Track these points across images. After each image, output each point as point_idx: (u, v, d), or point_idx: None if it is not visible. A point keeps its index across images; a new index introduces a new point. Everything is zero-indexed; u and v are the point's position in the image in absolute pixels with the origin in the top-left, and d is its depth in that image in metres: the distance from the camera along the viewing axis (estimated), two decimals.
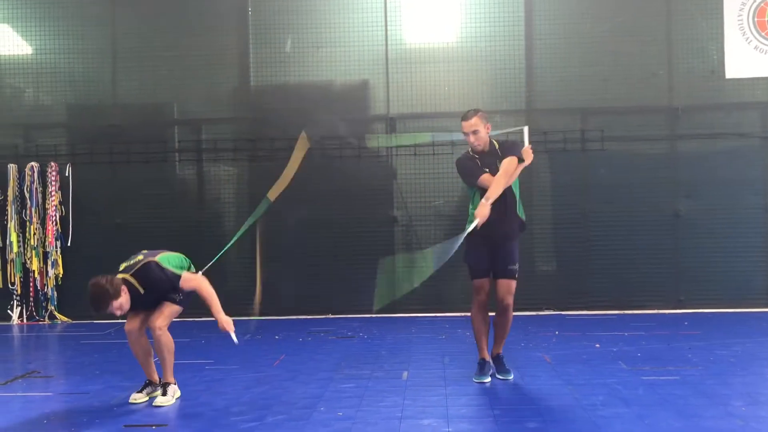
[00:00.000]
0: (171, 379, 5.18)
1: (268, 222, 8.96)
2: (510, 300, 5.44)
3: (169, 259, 5.12)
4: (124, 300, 4.80)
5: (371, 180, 8.90)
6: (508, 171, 5.32)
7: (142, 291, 4.95)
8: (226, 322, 5.04)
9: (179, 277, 5.03)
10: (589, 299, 8.69)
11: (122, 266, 5.06)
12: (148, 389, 5.22)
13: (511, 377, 5.49)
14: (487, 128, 5.50)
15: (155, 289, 4.99)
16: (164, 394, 5.11)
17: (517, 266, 5.48)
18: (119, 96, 9.20)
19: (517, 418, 4.52)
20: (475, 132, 5.41)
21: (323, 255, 8.87)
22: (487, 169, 5.43)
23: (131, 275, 4.93)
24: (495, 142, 5.57)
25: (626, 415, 4.54)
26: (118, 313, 4.84)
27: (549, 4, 8.84)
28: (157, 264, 4.99)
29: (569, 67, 8.81)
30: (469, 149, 5.56)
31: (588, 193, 8.78)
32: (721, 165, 8.66)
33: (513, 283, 5.46)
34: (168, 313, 5.08)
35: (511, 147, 5.52)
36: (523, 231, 5.63)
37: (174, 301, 5.11)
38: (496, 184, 5.27)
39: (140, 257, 5.06)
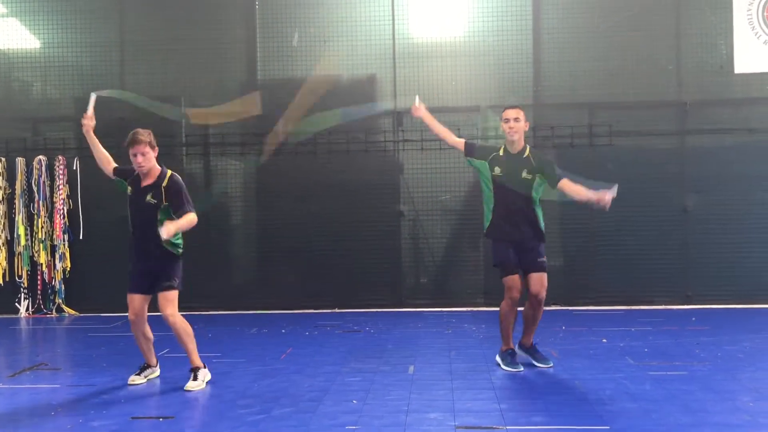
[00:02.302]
0: (199, 363, 5.31)
1: (274, 215, 8.99)
2: (543, 294, 5.52)
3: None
4: (152, 156, 5.28)
5: (378, 174, 8.90)
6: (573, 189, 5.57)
7: (147, 198, 5.24)
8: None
9: (185, 211, 5.21)
10: (597, 294, 8.67)
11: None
12: (147, 371, 5.40)
13: (551, 364, 5.62)
14: (526, 125, 5.63)
15: (172, 197, 5.23)
16: (194, 378, 5.23)
17: (545, 261, 5.58)
18: (127, 89, 9.19)
19: (524, 413, 4.51)
20: (516, 119, 5.47)
21: (330, 249, 8.88)
22: (500, 169, 5.52)
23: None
24: (529, 150, 5.61)
25: (633, 410, 4.53)
26: (140, 159, 5.22)
27: None
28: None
29: (577, 62, 8.77)
30: (501, 150, 5.57)
31: (595, 188, 8.71)
32: (729, 160, 8.61)
33: (545, 276, 5.55)
34: (170, 298, 5.22)
35: (549, 172, 5.60)
36: (542, 242, 5.68)
37: (171, 287, 5.24)
38: (576, 191, 5.56)
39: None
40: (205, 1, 9.09)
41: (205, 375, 5.32)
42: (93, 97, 5.60)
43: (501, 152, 5.59)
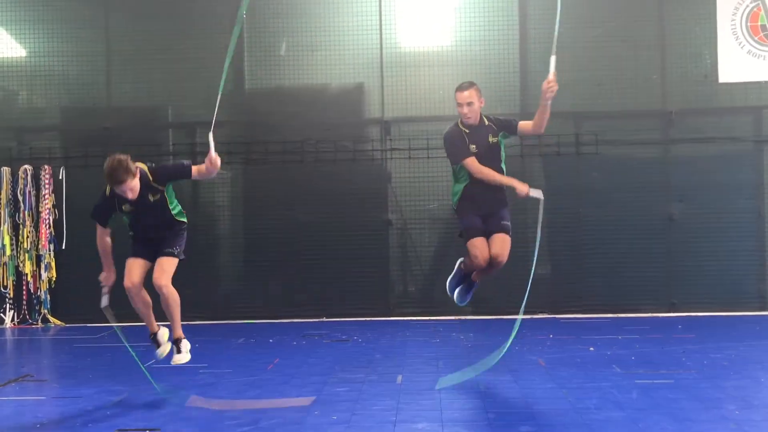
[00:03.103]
0: (181, 333, 5.31)
1: (262, 224, 8.97)
2: (503, 258, 5.57)
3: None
4: (136, 182, 4.89)
5: (366, 183, 8.91)
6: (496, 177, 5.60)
7: (151, 199, 5.05)
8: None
9: (190, 169, 5.13)
10: (583, 302, 8.71)
11: None
12: (160, 342, 5.40)
13: None
14: (481, 102, 5.68)
15: (166, 175, 5.11)
16: (179, 351, 5.26)
17: (509, 224, 5.67)
18: (113, 99, 9.19)
19: (511, 422, 4.52)
20: (470, 104, 5.59)
21: (318, 258, 8.87)
22: (474, 146, 5.60)
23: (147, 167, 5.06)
24: (485, 118, 5.73)
25: (620, 418, 4.54)
26: (129, 195, 4.91)
27: (543, 9, 8.84)
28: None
29: (563, 72, 8.70)
30: (459, 121, 5.64)
31: (582, 197, 8.81)
32: (713, 169, 8.70)
33: (507, 239, 5.60)
34: (168, 267, 5.17)
35: (507, 124, 5.72)
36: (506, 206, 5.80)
37: (173, 255, 5.21)
38: (489, 175, 5.55)
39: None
40: (191, 10, 9.09)
41: (186, 345, 5.33)
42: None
43: (465, 129, 5.67)
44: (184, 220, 5.37)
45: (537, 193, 5.41)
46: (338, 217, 8.87)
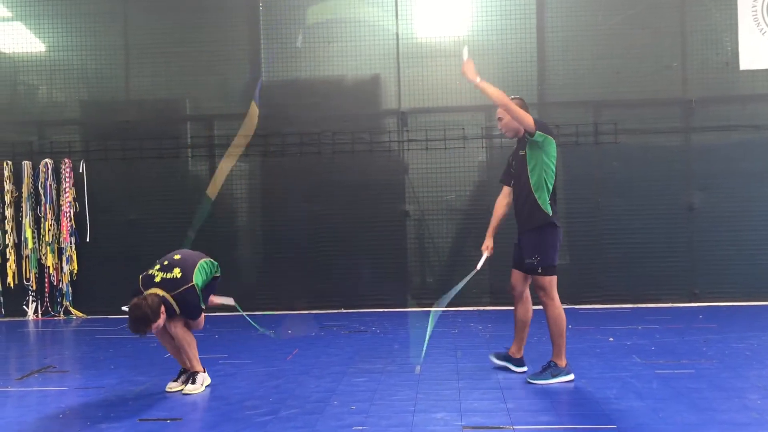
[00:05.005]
0: (198, 368, 5.31)
1: (280, 217, 9.00)
2: (542, 295, 5.20)
3: (203, 269, 5.24)
4: (161, 320, 4.93)
5: (383, 174, 8.91)
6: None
7: (177, 311, 5.05)
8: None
9: (201, 310, 5.21)
10: (603, 293, 8.66)
11: (157, 273, 5.08)
12: (183, 377, 5.33)
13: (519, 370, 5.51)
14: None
15: (186, 311, 5.11)
16: (193, 382, 5.24)
17: (535, 260, 5.11)
18: (132, 92, 9.25)
19: (530, 412, 4.51)
20: (499, 119, 5.38)
21: (335, 249, 8.89)
22: (514, 161, 5.36)
23: (172, 296, 4.99)
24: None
25: (640, 408, 4.52)
26: (155, 331, 4.99)
27: None
28: (194, 289, 5.06)
29: (581, 60, 8.76)
30: None
31: (601, 187, 8.74)
32: (735, 157, 8.59)
33: (539, 279, 5.16)
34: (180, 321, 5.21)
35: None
36: (546, 226, 5.12)
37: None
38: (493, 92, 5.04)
39: (177, 270, 5.07)
40: (208, 3, 9.11)
41: (204, 379, 5.31)
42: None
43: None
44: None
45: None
46: (356, 208, 8.88)
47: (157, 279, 5.05)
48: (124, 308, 5.03)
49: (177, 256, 5.22)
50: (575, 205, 8.73)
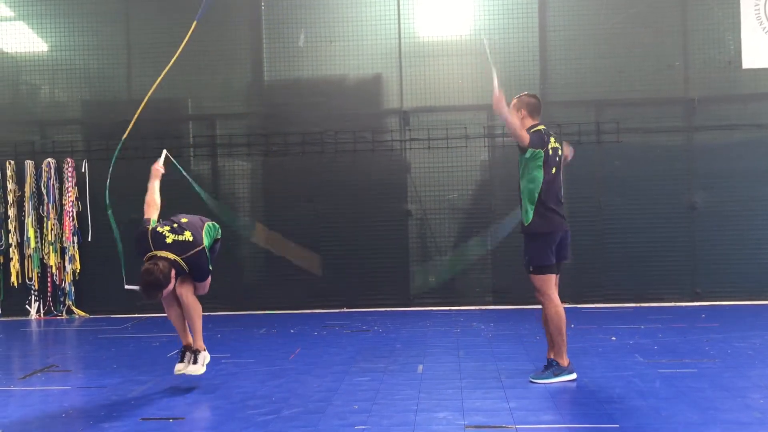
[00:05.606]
0: (201, 345, 5.32)
1: (282, 216, 9.00)
2: (537, 294, 5.24)
3: (209, 232, 5.31)
4: (172, 285, 4.98)
5: (385, 173, 8.91)
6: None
7: (187, 271, 5.08)
8: None
9: (210, 272, 5.24)
10: (605, 292, 8.65)
11: (168, 235, 5.08)
12: (187, 355, 5.32)
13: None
14: (521, 114, 5.31)
15: (196, 273, 5.15)
16: (195, 362, 5.25)
17: (527, 259, 5.23)
18: (134, 92, 9.25)
19: (533, 411, 4.50)
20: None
21: (337, 248, 8.89)
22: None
23: (183, 259, 5.02)
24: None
25: (643, 408, 4.51)
26: (163, 297, 5.02)
27: None
28: (204, 251, 5.12)
29: (584, 59, 8.75)
30: None
31: (603, 186, 8.74)
32: (737, 156, 8.58)
33: (532, 278, 5.23)
34: (191, 284, 5.22)
35: None
36: (526, 233, 5.27)
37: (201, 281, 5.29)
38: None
39: (189, 234, 5.10)
40: (211, 2, 9.09)
41: (205, 358, 5.32)
42: (164, 153, 5.96)
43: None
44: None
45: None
46: (358, 207, 8.88)
47: (169, 240, 5.06)
48: (128, 287, 5.07)
49: (184, 219, 5.28)
50: (577, 204, 8.69)
